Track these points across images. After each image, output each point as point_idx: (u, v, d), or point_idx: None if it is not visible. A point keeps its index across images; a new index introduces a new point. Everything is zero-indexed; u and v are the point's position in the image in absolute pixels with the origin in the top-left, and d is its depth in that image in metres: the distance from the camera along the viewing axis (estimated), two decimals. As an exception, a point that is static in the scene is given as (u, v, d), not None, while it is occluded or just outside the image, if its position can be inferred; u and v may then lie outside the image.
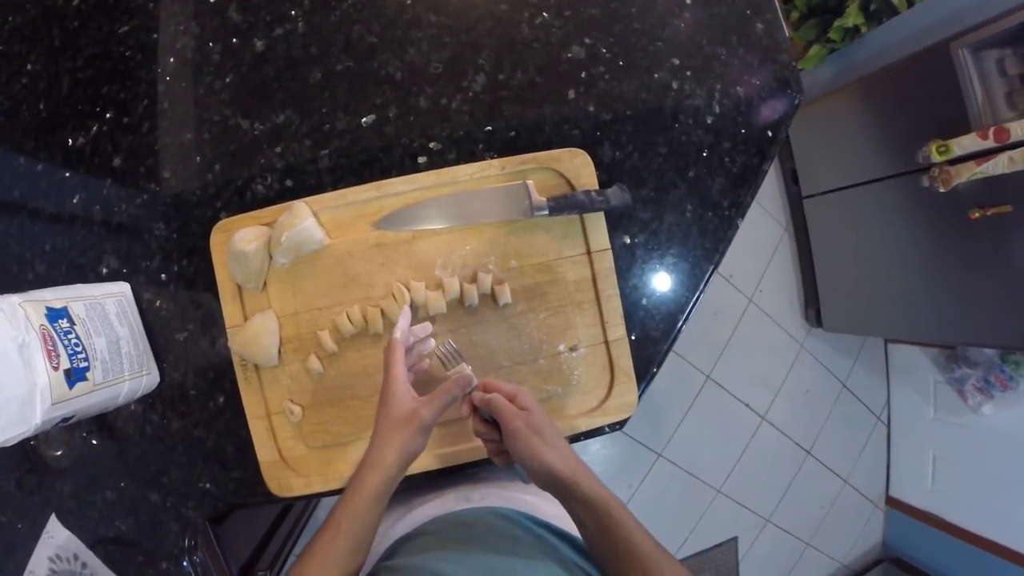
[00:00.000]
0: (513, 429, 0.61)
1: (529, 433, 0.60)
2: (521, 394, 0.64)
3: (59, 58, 0.86)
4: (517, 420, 0.61)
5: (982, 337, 1.82)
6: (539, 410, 0.63)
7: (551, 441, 0.60)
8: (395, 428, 0.62)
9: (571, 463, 0.59)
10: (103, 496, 0.82)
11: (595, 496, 0.57)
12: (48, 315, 0.64)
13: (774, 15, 0.89)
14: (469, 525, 0.65)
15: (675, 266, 0.84)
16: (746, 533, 2.45)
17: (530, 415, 0.61)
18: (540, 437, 0.60)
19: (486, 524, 0.65)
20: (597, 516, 0.57)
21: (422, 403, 0.63)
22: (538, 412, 0.62)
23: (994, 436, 2.13)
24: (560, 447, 0.61)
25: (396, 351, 0.66)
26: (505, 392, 0.65)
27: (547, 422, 0.62)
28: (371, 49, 0.82)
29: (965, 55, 1.51)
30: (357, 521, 0.59)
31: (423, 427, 0.62)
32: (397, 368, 0.65)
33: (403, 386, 0.64)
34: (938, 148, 1.56)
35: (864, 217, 2.04)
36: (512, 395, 0.64)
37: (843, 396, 2.56)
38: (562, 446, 0.61)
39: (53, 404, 0.61)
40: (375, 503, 0.60)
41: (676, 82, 0.85)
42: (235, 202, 0.81)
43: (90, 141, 0.84)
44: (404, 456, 0.61)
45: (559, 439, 0.62)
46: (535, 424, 0.61)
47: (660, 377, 0.85)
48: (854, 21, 1.89)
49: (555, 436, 0.61)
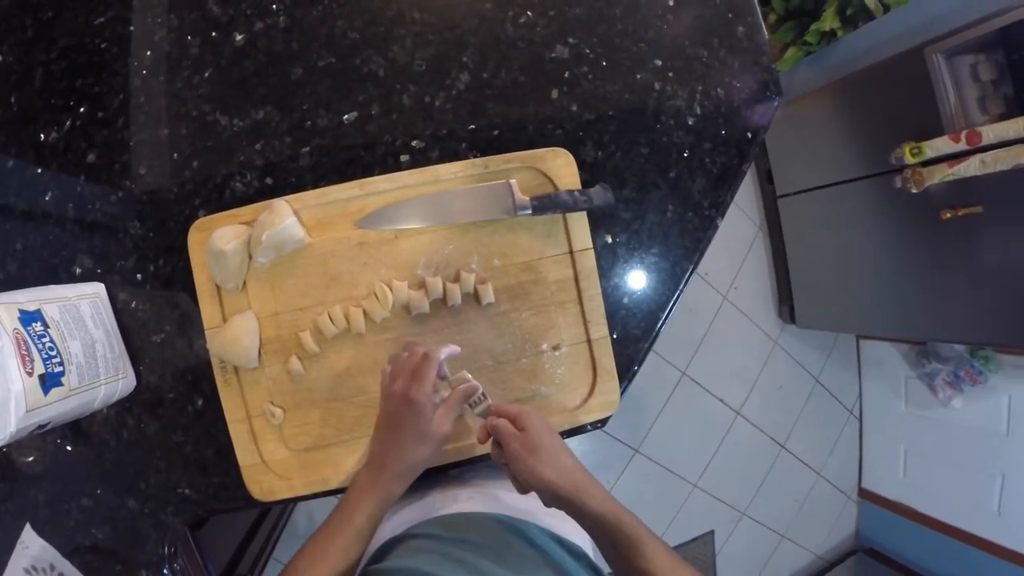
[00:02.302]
0: (511, 452, 0.62)
1: (525, 454, 0.60)
2: (520, 415, 0.64)
3: (32, 50, 0.83)
4: (513, 443, 0.62)
5: (952, 333, 1.88)
6: (539, 428, 0.63)
7: (549, 459, 0.60)
8: (425, 441, 0.64)
9: (574, 479, 0.59)
10: (79, 504, 0.80)
11: (602, 512, 0.57)
12: (21, 318, 0.62)
13: (755, 18, 0.90)
14: (461, 530, 0.65)
15: (656, 265, 0.84)
16: (722, 526, 2.49)
17: (526, 435, 0.62)
18: (536, 456, 0.60)
19: (479, 530, 0.65)
20: (607, 532, 0.57)
21: (442, 418, 0.65)
22: (536, 431, 0.62)
23: (963, 429, 2.20)
24: (560, 464, 0.60)
25: (432, 363, 0.66)
26: (508, 414, 0.65)
27: (547, 440, 0.62)
28: (354, 45, 0.81)
29: (939, 60, 1.54)
30: (368, 525, 0.61)
31: (444, 440, 0.66)
32: (428, 385, 0.65)
33: (430, 401, 0.65)
34: (911, 150, 1.60)
35: (837, 216, 2.08)
36: (514, 417, 0.64)
37: (816, 391, 2.62)
38: (563, 463, 0.61)
39: (28, 411, 0.59)
40: (386, 510, 0.63)
41: (658, 83, 0.85)
42: (213, 200, 0.79)
43: (63, 136, 0.81)
44: (419, 468, 0.65)
45: (562, 456, 0.61)
46: (531, 444, 0.61)
47: (637, 374, 0.85)
48: (831, 25, 1.91)
49: (556, 454, 0.61)
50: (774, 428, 2.55)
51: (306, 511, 1.76)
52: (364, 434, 0.77)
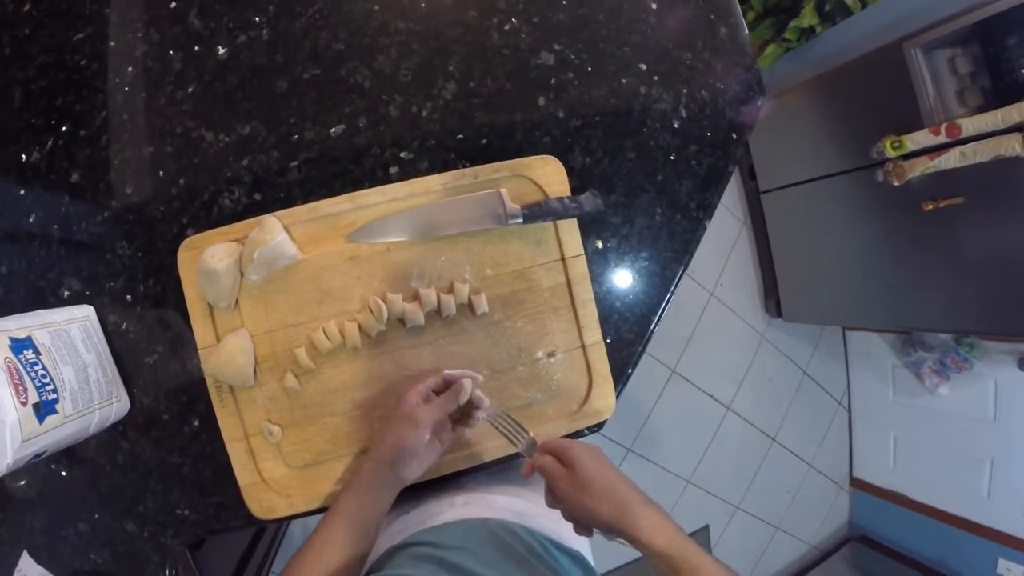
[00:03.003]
0: (560, 493, 0.60)
1: (575, 492, 0.59)
2: (564, 449, 0.62)
3: (9, 68, 0.82)
4: (562, 483, 0.60)
5: (936, 322, 1.91)
6: (586, 461, 0.60)
7: (602, 493, 0.58)
8: (401, 422, 0.67)
9: (630, 512, 0.57)
10: (76, 529, 0.79)
11: (661, 545, 0.55)
12: (12, 346, 0.61)
13: (736, 19, 0.91)
14: (458, 537, 0.64)
15: (646, 268, 0.85)
16: (717, 521, 2.51)
17: (573, 471, 0.60)
18: (587, 492, 0.58)
19: (475, 536, 0.65)
20: (668, 564, 0.54)
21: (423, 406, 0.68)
22: (583, 464, 0.60)
23: (951, 416, 2.24)
24: (614, 496, 0.58)
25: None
26: (553, 450, 0.63)
27: (596, 472, 0.60)
28: (338, 57, 0.81)
29: (917, 54, 1.56)
30: (361, 513, 0.65)
31: (423, 424, 0.66)
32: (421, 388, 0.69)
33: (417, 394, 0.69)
34: (892, 144, 1.62)
35: (821, 211, 2.10)
36: (559, 452, 0.63)
37: (804, 383, 2.65)
38: (617, 495, 0.58)
39: (24, 441, 0.59)
40: (379, 500, 0.66)
41: (644, 87, 0.86)
42: (202, 217, 0.78)
43: (45, 156, 0.80)
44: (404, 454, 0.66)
45: (615, 487, 0.59)
46: (580, 479, 0.59)
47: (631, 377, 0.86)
48: (809, 22, 1.94)
49: (608, 486, 0.59)
50: (764, 421, 2.57)
51: (302, 524, 1.71)
52: (362, 448, 0.76)
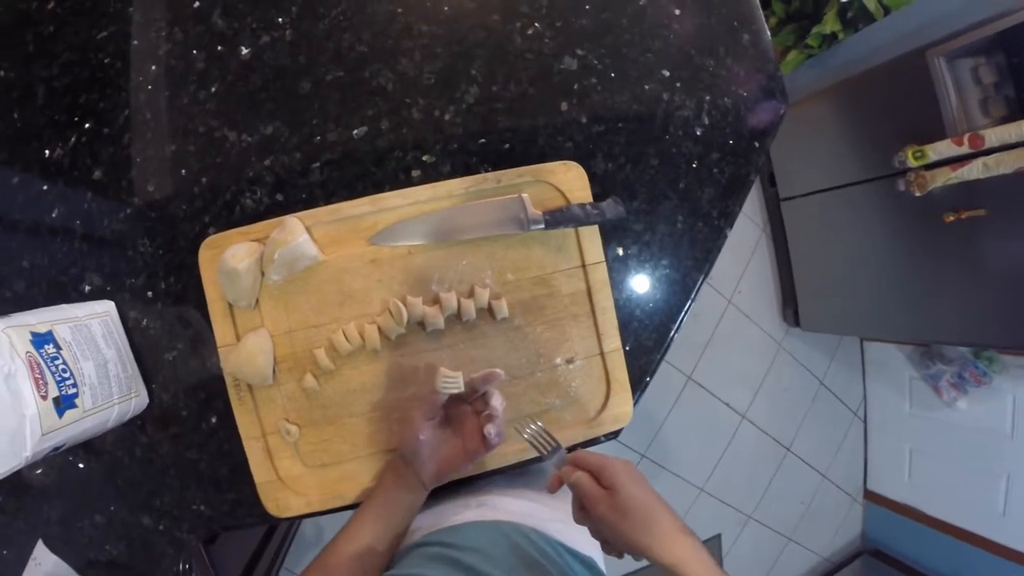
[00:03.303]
0: (598, 515, 0.57)
1: (616, 519, 0.56)
2: (606, 469, 0.59)
3: (33, 65, 0.83)
4: (600, 506, 0.57)
5: (955, 336, 1.88)
6: (629, 486, 0.57)
7: (646, 522, 0.55)
8: (405, 423, 0.69)
9: (676, 548, 0.54)
10: (92, 520, 0.79)
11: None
12: (33, 341, 0.62)
13: (759, 26, 0.90)
14: (472, 539, 0.64)
15: (667, 276, 0.84)
16: (729, 530, 2.49)
17: (616, 496, 0.56)
18: (630, 521, 0.55)
19: (489, 538, 0.64)
20: None
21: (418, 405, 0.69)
22: (626, 489, 0.57)
23: (968, 430, 2.21)
24: (659, 529, 0.55)
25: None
26: (590, 467, 0.60)
27: (640, 499, 0.56)
28: (362, 59, 0.81)
29: (941, 63, 1.55)
30: (386, 505, 0.68)
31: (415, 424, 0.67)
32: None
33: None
34: (914, 153, 1.60)
35: (841, 219, 2.08)
36: (598, 471, 0.59)
37: (821, 393, 2.62)
38: (662, 527, 0.55)
39: (43, 435, 0.59)
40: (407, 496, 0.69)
41: (667, 93, 0.85)
42: (223, 217, 0.79)
43: (68, 152, 0.80)
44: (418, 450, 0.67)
45: (659, 518, 0.56)
46: (621, 506, 0.56)
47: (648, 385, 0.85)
48: (831, 28, 1.92)
49: (652, 516, 0.56)
50: (779, 431, 2.55)
51: (314, 523, 1.74)
52: (380, 450, 0.77)
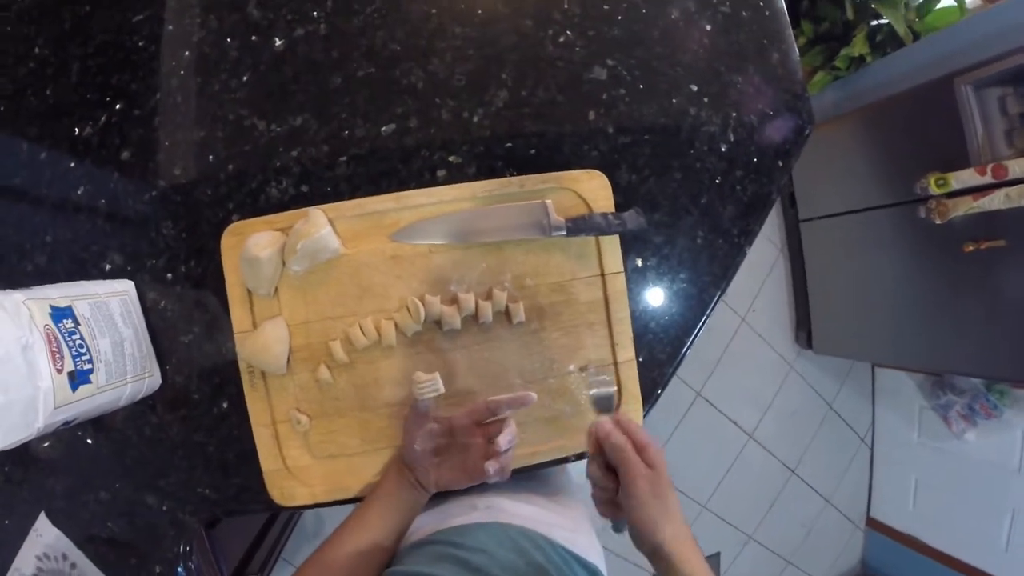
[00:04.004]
0: (637, 491, 0.57)
1: (651, 499, 0.57)
2: (652, 449, 0.59)
3: (69, 44, 0.84)
4: (642, 480, 0.57)
5: (968, 367, 1.86)
6: (666, 473, 0.59)
7: (669, 512, 0.57)
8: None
9: (680, 539, 0.56)
10: (96, 496, 0.80)
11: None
12: (53, 315, 0.62)
13: (789, 45, 0.90)
14: (479, 540, 0.64)
15: (684, 291, 0.84)
16: (729, 549, 2.48)
17: (657, 477, 0.58)
18: (661, 505, 0.57)
19: (495, 540, 0.64)
20: None
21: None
22: (664, 476, 0.58)
23: (976, 463, 2.18)
24: (676, 520, 0.57)
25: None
26: (638, 441, 0.60)
27: (670, 486, 0.59)
28: (394, 57, 0.82)
29: (968, 91, 1.53)
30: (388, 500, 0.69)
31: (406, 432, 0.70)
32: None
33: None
34: (936, 181, 1.59)
35: (859, 244, 2.07)
36: (643, 446, 0.60)
37: (829, 417, 2.60)
38: (677, 518, 0.58)
39: (56, 408, 0.59)
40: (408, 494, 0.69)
41: (693, 108, 0.85)
42: (248, 204, 0.79)
43: (98, 132, 0.81)
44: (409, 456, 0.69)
45: (676, 507, 0.58)
46: (660, 489, 0.57)
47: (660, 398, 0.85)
48: (860, 51, 1.92)
49: (674, 504, 0.58)
50: (785, 453, 2.53)
51: (315, 513, 1.75)
52: (389, 445, 0.77)
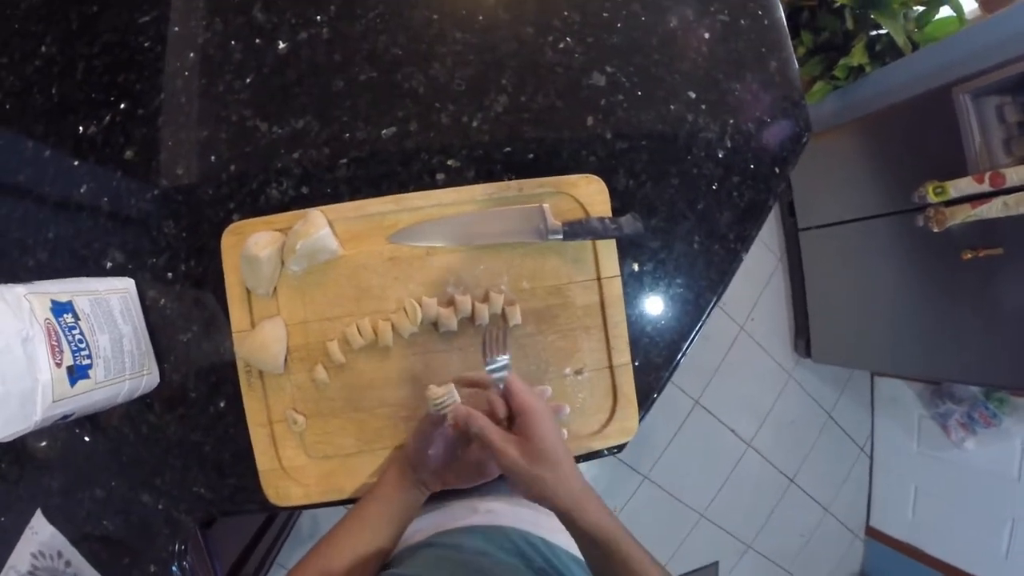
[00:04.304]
0: (505, 460, 0.57)
1: (526, 464, 0.56)
2: (526, 413, 0.58)
3: (75, 43, 0.85)
4: (510, 449, 0.56)
5: (967, 375, 1.86)
6: (545, 434, 0.56)
7: (550, 468, 0.55)
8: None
9: (572, 490, 0.55)
10: (92, 494, 0.80)
11: (598, 527, 0.54)
12: (53, 309, 0.63)
13: (787, 54, 0.90)
14: (479, 543, 0.64)
15: (680, 296, 0.84)
16: (727, 558, 2.46)
17: (529, 444, 0.56)
18: (540, 466, 0.55)
19: (496, 543, 0.64)
20: (600, 548, 0.54)
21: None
22: (541, 438, 0.56)
23: (975, 471, 2.17)
24: (560, 473, 0.56)
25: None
26: (518, 403, 0.59)
27: (551, 445, 0.56)
28: (395, 61, 0.82)
29: (966, 100, 1.54)
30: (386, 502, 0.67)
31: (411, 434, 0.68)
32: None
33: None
34: (935, 189, 1.59)
35: (858, 252, 2.07)
36: (517, 410, 0.59)
37: (828, 426, 2.59)
38: (563, 471, 0.56)
39: (54, 402, 0.60)
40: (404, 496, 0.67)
41: (691, 115, 0.86)
42: (248, 204, 0.80)
43: (102, 130, 0.82)
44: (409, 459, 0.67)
45: (562, 463, 0.56)
46: (534, 452, 0.56)
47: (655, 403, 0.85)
48: (859, 60, 1.92)
49: (557, 460, 0.56)
50: (784, 462, 2.53)
51: (311, 518, 1.76)
52: (385, 446, 0.77)
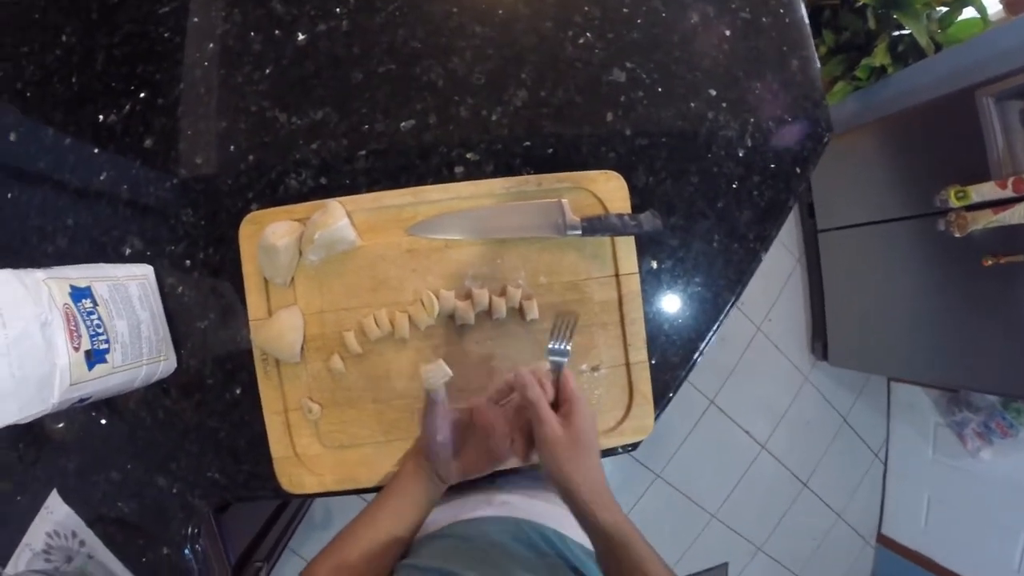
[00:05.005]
0: (546, 435, 0.59)
1: (561, 448, 0.58)
2: (575, 403, 0.61)
3: (96, 33, 0.85)
4: (554, 428, 0.59)
5: (985, 383, 1.83)
6: (586, 425, 0.60)
7: (582, 459, 0.58)
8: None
9: (594, 485, 0.58)
10: (108, 476, 0.81)
11: (613, 527, 0.56)
12: (72, 294, 0.63)
13: (808, 53, 0.89)
14: (493, 535, 0.64)
15: (698, 295, 0.84)
16: (737, 560, 2.45)
17: (571, 430, 0.59)
18: (573, 451, 0.58)
19: (510, 536, 0.64)
20: (613, 547, 0.56)
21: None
22: (582, 428, 0.59)
23: (990, 482, 2.14)
24: (587, 465, 0.58)
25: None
26: (565, 393, 0.62)
27: (588, 437, 0.60)
28: (415, 54, 0.82)
29: (989, 103, 1.52)
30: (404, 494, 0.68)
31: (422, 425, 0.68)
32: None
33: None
34: (956, 193, 1.57)
35: (877, 255, 2.04)
36: (564, 399, 0.62)
37: (843, 431, 2.57)
38: (590, 463, 0.59)
39: (71, 385, 0.61)
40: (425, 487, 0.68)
41: (712, 112, 0.85)
42: (267, 194, 0.80)
43: (122, 119, 0.83)
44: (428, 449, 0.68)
45: (591, 456, 0.60)
46: (572, 439, 0.59)
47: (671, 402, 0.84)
48: (881, 61, 1.90)
49: (589, 453, 0.59)
50: (798, 465, 2.51)
51: (323, 505, 1.77)
52: (399, 437, 0.77)
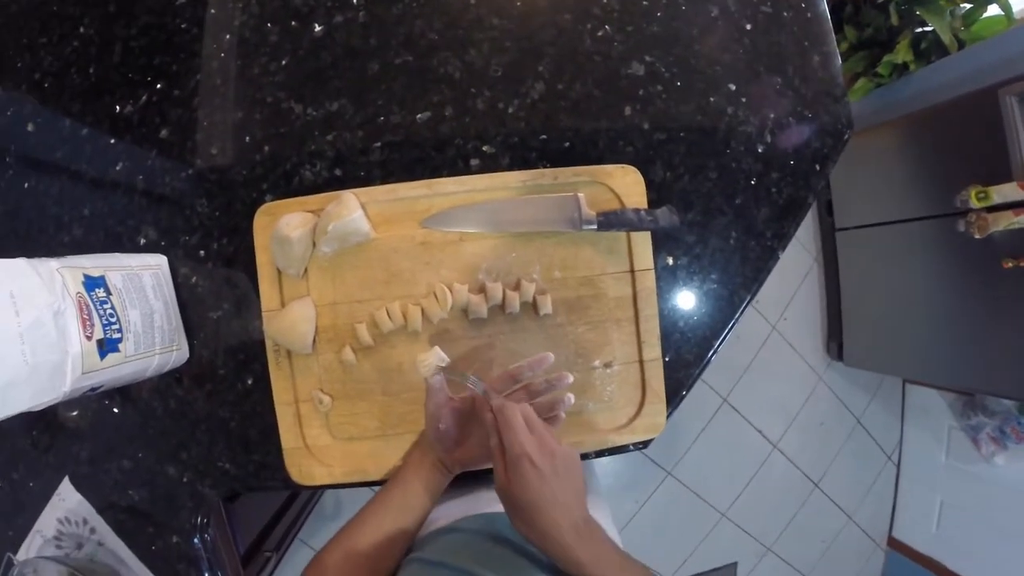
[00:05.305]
0: (518, 473, 0.52)
1: (541, 484, 0.51)
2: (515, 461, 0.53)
3: (113, 24, 0.86)
4: (530, 463, 0.52)
5: (1002, 387, 1.80)
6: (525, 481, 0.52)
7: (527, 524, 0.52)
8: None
9: (592, 535, 0.52)
10: (119, 464, 0.82)
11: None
12: (85, 283, 0.64)
13: (830, 48, 0.88)
14: (503, 530, 0.63)
15: (714, 292, 0.83)
16: (746, 559, 2.44)
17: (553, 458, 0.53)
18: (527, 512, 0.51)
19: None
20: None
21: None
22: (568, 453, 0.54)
23: (1004, 487, 2.12)
24: (575, 517, 0.52)
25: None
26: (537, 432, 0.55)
27: (565, 473, 0.53)
28: (432, 46, 0.82)
29: (1013, 103, 1.49)
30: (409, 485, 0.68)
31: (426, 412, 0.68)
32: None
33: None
34: (977, 194, 1.55)
35: (896, 255, 2.02)
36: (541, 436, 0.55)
37: (856, 432, 2.55)
38: (571, 509, 0.52)
39: (84, 373, 0.61)
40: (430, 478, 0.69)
41: (731, 107, 0.84)
42: (281, 186, 0.80)
43: (138, 110, 0.83)
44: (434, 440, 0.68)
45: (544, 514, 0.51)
46: (561, 467, 0.53)
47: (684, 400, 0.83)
48: (903, 58, 1.87)
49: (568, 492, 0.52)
50: (809, 465, 2.49)
51: (334, 496, 1.78)
52: (409, 430, 0.77)
